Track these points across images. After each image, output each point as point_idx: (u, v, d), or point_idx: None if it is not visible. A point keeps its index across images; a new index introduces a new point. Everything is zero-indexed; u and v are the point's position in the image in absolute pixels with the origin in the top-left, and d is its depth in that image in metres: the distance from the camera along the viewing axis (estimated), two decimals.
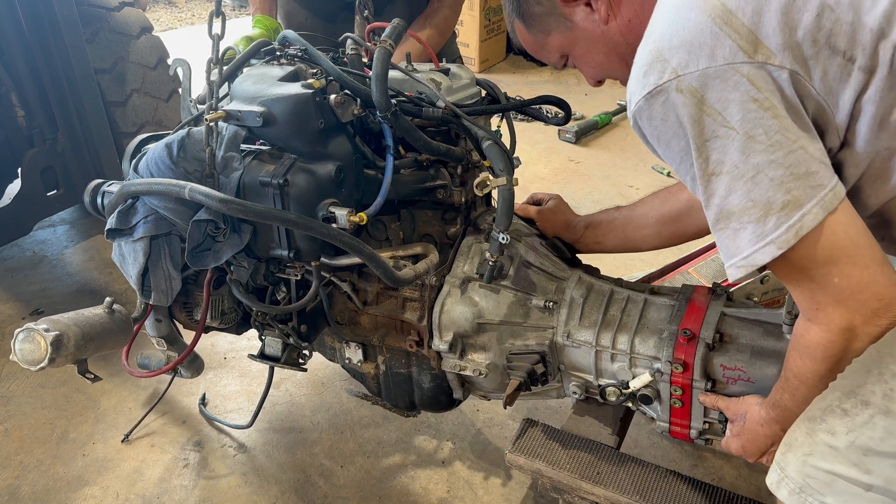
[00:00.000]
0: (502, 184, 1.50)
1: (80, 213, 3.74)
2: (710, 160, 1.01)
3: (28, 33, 2.83)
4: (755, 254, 1.02)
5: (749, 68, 0.97)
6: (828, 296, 1.04)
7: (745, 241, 1.03)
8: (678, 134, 1.03)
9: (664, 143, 1.06)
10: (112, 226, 1.58)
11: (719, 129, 0.99)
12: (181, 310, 1.81)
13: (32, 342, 1.41)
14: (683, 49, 1.00)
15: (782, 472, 1.13)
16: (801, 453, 1.11)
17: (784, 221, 0.99)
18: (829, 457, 1.07)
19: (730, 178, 1.00)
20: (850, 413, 1.06)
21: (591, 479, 1.61)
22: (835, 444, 1.07)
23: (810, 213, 0.98)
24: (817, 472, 1.08)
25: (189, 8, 8.28)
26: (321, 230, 1.41)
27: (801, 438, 1.11)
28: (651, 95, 1.03)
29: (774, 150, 0.97)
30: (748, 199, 1.00)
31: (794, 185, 0.98)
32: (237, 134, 1.51)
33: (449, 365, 1.70)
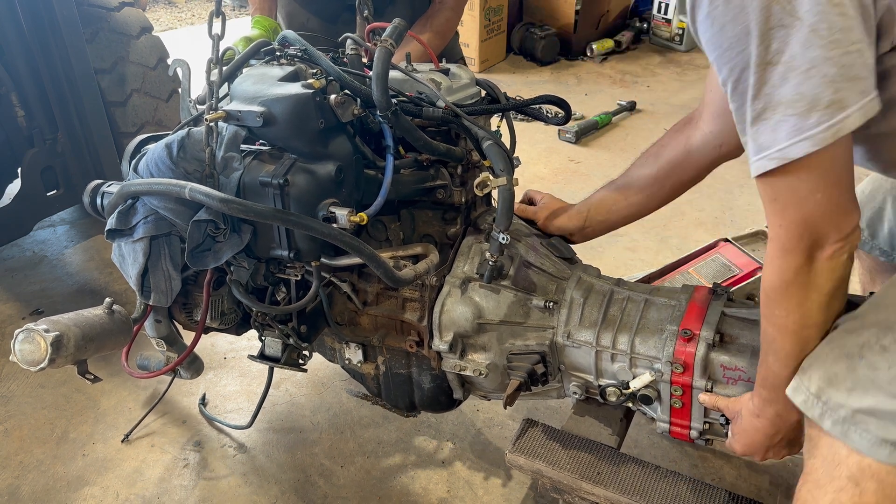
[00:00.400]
0: (502, 184, 1.50)
1: (80, 213, 3.74)
2: (770, 48, 0.99)
3: (28, 33, 2.82)
4: (791, 147, 1.02)
5: None
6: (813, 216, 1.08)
7: (783, 133, 1.02)
8: (737, 18, 1.00)
9: (718, 26, 1.03)
10: (112, 226, 1.58)
11: (786, 18, 0.97)
12: (181, 310, 1.81)
13: (32, 343, 1.40)
14: None
15: (825, 406, 1.16)
16: (844, 388, 1.14)
17: (826, 119, 0.99)
18: (871, 390, 1.12)
19: (785, 68, 0.99)
20: (889, 349, 1.11)
21: (592, 480, 1.61)
22: (877, 378, 1.11)
23: (852, 116, 0.99)
24: (860, 405, 1.12)
25: (189, 8, 8.28)
26: (321, 230, 1.41)
27: (843, 374, 1.15)
28: None
29: (833, 48, 0.96)
30: (797, 92, 0.99)
31: (843, 86, 0.98)
32: (237, 134, 1.51)
33: (449, 365, 1.70)
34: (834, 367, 1.17)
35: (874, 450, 1.12)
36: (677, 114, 4.60)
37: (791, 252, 1.13)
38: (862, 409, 1.13)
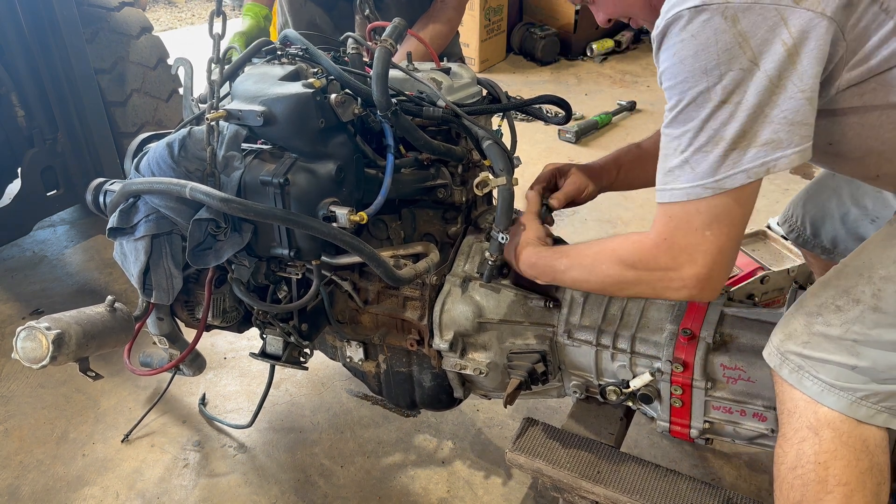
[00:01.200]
0: (502, 184, 1.50)
1: (80, 213, 3.74)
2: (725, 88, 1.05)
3: (28, 33, 2.82)
4: (726, 179, 1.09)
5: (791, 13, 1.01)
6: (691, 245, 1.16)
7: (723, 165, 1.09)
8: (699, 55, 1.06)
9: (679, 58, 1.08)
10: (113, 224, 1.58)
11: (745, 63, 1.03)
12: (183, 308, 1.81)
13: (34, 340, 1.41)
14: None
15: (783, 357, 1.28)
16: (801, 341, 1.26)
17: (762, 155, 1.07)
18: (824, 344, 1.24)
19: (735, 107, 1.05)
20: (843, 309, 1.23)
21: (591, 479, 1.61)
22: (829, 333, 1.23)
23: (787, 157, 1.07)
24: (813, 355, 1.24)
25: (189, 8, 8.28)
26: (322, 229, 1.41)
27: (800, 329, 1.27)
28: (697, 10, 1.05)
29: (781, 94, 1.04)
30: (742, 130, 1.06)
31: (781, 128, 1.05)
32: (238, 133, 1.51)
33: (449, 364, 1.70)
34: (794, 324, 1.28)
35: (824, 395, 1.22)
36: None
37: (649, 259, 1.23)
38: (813, 358, 1.24)
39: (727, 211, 1.12)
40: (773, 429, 1.49)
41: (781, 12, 1.01)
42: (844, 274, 1.26)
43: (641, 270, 1.25)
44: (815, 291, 1.29)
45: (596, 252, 1.35)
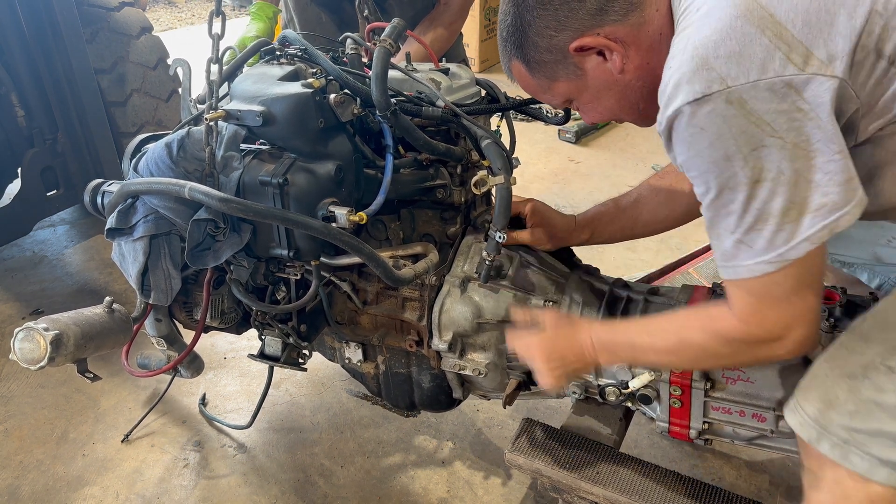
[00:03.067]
0: (500, 182, 1.50)
1: (80, 213, 3.74)
2: (756, 168, 1.02)
3: (28, 33, 2.83)
4: (791, 250, 1.05)
5: (799, 80, 0.99)
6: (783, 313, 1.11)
7: (781, 239, 1.05)
8: (714, 144, 1.04)
9: (695, 151, 1.07)
10: (112, 225, 1.58)
11: (766, 139, 1.01)
12: (181, 309, 1.81)
13: (32, 341, 1.41)
14: (732, 60, 1.00)
15: (823, 430, 1.15)
16: (846, 411, 1.13)
17: (820, 220, 1.03)
18: (876, 413, 1.10)
19: (774, 183, 1.02)
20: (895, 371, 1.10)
21: (591, 479, 1.61)
22: (882, 400, 1.10)
23: (847, 214, 1.03)
24: (865, 427, 1.11)
25: (189, 8, 8.28)
26: (321, 229, 1.41)
27: (844, 396, 1.14)
28: (697, 103, 1.02)
29: (816, 156, 1.00)
30: (789, 202, 1.03)
31: (831, 190, 1.02)
32: (237, 133, 1.51)
33: (448, 364, 1.70)
34: (834, 389, 1.16)
35: (875, 471, 1.11)
36: None
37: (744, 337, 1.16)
38: (864, 431, 1.11)
39: (804, 274, 1.08)
40: (773, 429, 1.49)
41: (788, 82, 0.99)
42: (891, 324, 1.13)
43: (740, 344, 1.18)
44: (852, 347, 1.16)
45: (679, 328, 1.28)
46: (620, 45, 1.18)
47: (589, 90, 1.28)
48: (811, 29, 0.99)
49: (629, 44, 1.18)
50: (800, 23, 0.99)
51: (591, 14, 1.16)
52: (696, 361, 1.31)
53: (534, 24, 1.22)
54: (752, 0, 1.01)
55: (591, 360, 1.41)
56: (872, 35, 0.98)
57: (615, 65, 1.20)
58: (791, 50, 0.99)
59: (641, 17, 1.16)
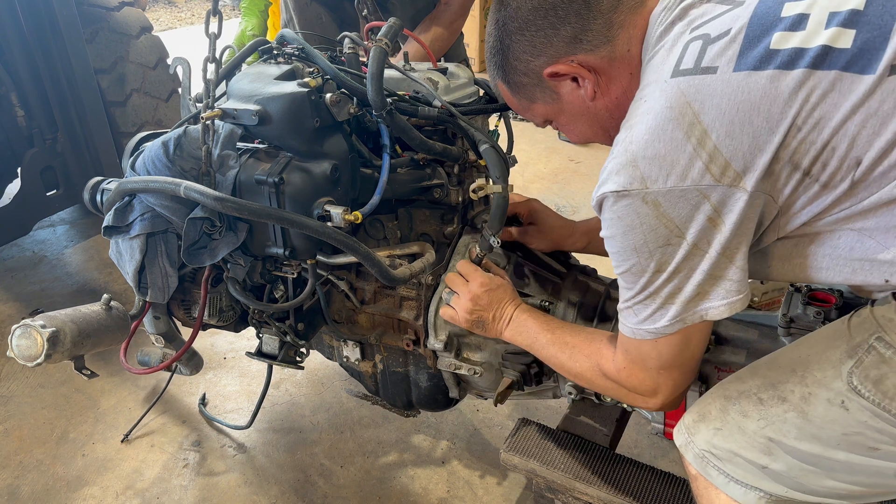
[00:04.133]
0: (498, 191, 1.51)
1: (79, 213, 3.75)
2: (657, 261, 1.12)
3: (28, 33, 2.83)
4: (666, 327, 1.16)
5: (714, 191, 1.05)
6: (649, 380, 1.25)
7: (661, 315, 1.16)
8: (627, 234, 1.13)
9: (611, 233, 1.16)
10: (109, 223, 1.58)
11: (673, 239, 1.10)
12: (179, 307, 1.81)
13: (29, 338, 1.41)
14: (656, 163, 1.07)
15: (690, 437, 1.25)
16: (713, 427, 1.22)
17: (693, 307, 1.14)
18: (736, 436, 1.19)
19: (668, 275, 1.12)
20: (765, 403, 1.17)
21: (586, 480, 1.60)
22: (744, 426, 1.18)
23: (716, 308, 1.13)
24: (723, 445, 1.20)
25: (189, 7, 8.30)
26: (316, 228, 1.41)
27: (714, 413, 1.23)
28: (618, 195, 1.11)
29: (710, 259, 1.09)
30: (676, 288, 1.13)
31: (711, 288, 1.12)
32: (233, 132, 1.51)
33: (444, 364, 1.70)
34: (710, 406, 1.25)
35: (730, 486, 1.20)
36: None
37: (615, 381, 1.30)
38: (722, 448, 1.20)
39: (677, 353, 1.20)
40: None
41: (703, 191, 1.05)
42: (777, 365, 1.20)
43: (612, 383, 1.32)
44: (741, 375, 1.24)
45: (574, 345, 1.40)
46: (593, 73, 1.24)
47: (565, 113, 1.34)
48: (733, 140, 1.03)
49: (601, 73, 1.24)
50: (723, 133, 1.04)
51: (566, 42, 1.22)
52: (573, 378, 1.43)
53: (512, 48, 1.28)
54: (686, 104, 1.06)
55: (500, 328, 1.53)
56: (789, 148, 1.02)
57: (587, 92, 1.26)
58: (711, 160, 1.04)
59: (612, 52, 1.22)
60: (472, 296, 1.54)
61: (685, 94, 1.06)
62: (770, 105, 1.02)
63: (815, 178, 1.04)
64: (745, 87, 1.03)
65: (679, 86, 1.08)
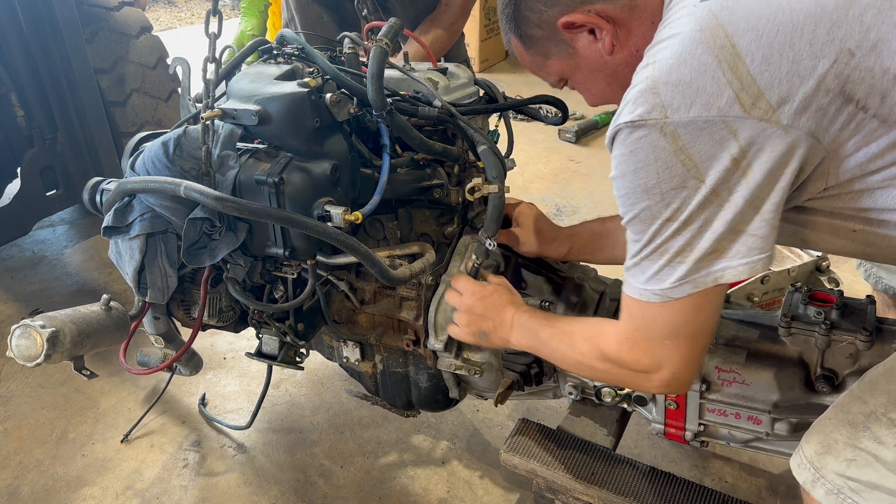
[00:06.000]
0: (493, 191, 1.50)
1: (79, 213, 3.75)
2: (670, 206, 1.01)
3: (28, 33, 2.83)
4: (673, 289, 1.04)
5: (741, 124, 0.94)
6: (653, 351, 1.12)
7: (668, 274, 1.04)
8: (639, 172, 1.01)
9: (621, 171, 1.04)
10: (109, 223, 1.58)
11: (690, 181, 0.98)
12: (179, 307, 1.81)
13: (29, 338, 1.41)
14: (679, 89, 0.96)
15: (818, 473, 1.12)
16: (844, 458, 1.10)
17: (706, 267, 1.01)
18: (874, 465, 1.06)
19: (680, 224, 1.01)
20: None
21: (586, 480, 1.60)
22: (881, 454, 1.06)
23: (733, 269, 1.00)
24: (861, 477, 1.08)
25: (189, 7, 8.30)
26: (316, 228, 1.41)
27: (843, 442, 1.11)
28: (634, 125, 1.00)
29: (730, 209, 0.98)
30: (688, 244, 1.01)
31: (729, 243, 1.00)
32: (233, 132, 1.51)
33: (444, 364, 1.70)
34: (834, 434, 1.13)
35: None
36: None
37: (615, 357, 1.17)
38: (859, 481, 1.08)
39: (685, 322, 1.08)
40: (768, 431, 1.48)
41: (730, 124, 0.94)
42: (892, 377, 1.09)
43: (611, 365, 1.20)
44: (858, 394, 1.12)
45: (574, 332, 1.30)
46: (611, 24, 1.14)
47: (581, 70, 1.25)
48: (769, 66, 0.93)
49: (620, 25, 1.14)
50: (759, 58, 0.93)
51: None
52: (576, 369, 1.32)
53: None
54: (718, 26, 0.96)
55: (505, 335, 1.44)
56: (840, 77, 0.91)
57: (605, 45, 1.17)
58: (742, 89, 0.93)
59: (632, 0, 1.13)
60: (466, 308, 1.50)
61: (717, 15, 0.96)
62: (815, 26, 0.90)
63: (873, 111, 0.92)
64: (786, 6, 0.92)
65: (710, 8, 0.97)
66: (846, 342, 1.40)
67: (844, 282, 2.51)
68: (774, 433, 1.48)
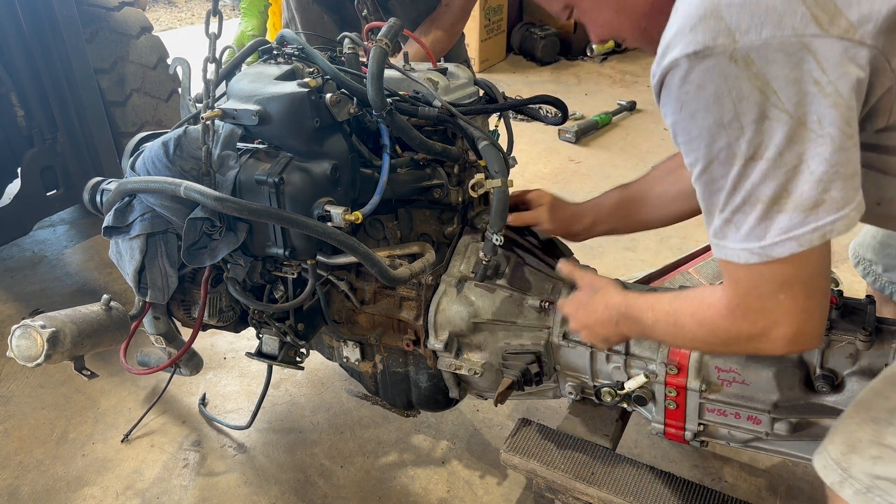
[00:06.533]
0: (497, 186, 1.51)
1: (79, 213, 3.75)
2: (752, 143, 0.89)
3: (28, 33, 2.83)
4: (774, 246, 0.92)
5: (820, 43, 0.84)
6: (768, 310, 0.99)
7: (771, 230, 0.92)
8: (711, 107, 0.89)
9: (687, 113, 0.92)
10: (109, 223, 1.59)
11: (771, 111, 0.87)
12: (180, 307, 1.81)
13: (29, 338, 1.41)
14: (746, 10, 0.85)
15: (845, 473, 1.08)
16: (869, 456, 1.06)
17: (812, 221, 0.89)
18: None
19: (769, 164, 0.89)
20: None
21: (586, 480, 1.60)
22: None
23: (844, 218, 0.89)
24: (889, 475, 1.04)
25: (189, 7, 8.30)
26: (316, 228, 1.41)
27: (867, 440, 1.07)
28: (697, 56, 0.88)
29: (824, 143, 0.86)
30: (783, 189, 0.89)
31: (834, 185, 0.88)
32: (233, 132, 1.51)
33: (444, 364, 1.70)
34: (858, 433, 1.09)
35: None
36: None
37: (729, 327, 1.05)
38: (888, 479, 1.04)
39: (794, 275, 0.94)
40: (768, 431, 1.48)
41: (807, 44, 0.84)
42: None
43: (724, 337, 1.07)
44: (880, 391, 1.08)
45: (676, 311, 1.17)
46: None
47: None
48: None
49: None
50: None
51: None
52: (691, 346, 1.25)
53: None
54: None
55: (621, 332, 1.34)
56: None
57: None
58: (817, 4, 0.83)
59: None
60: (580, 326, 1.42)
61: None
62: None
63: None
64: None
65: None
66: (846, 342, 1.40)
67: (844, 282, 2.51)
68: (774, 433, 1.48)
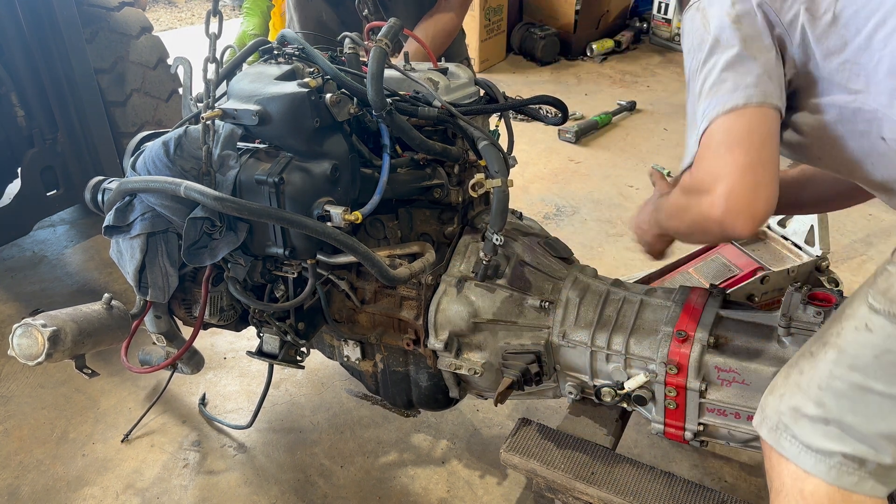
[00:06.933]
0: (497, 185, 1.51)
1: (80, 213, 3.75)
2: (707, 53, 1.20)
3: (28, 33, 2.83)
4: (729, 100, 1.16)
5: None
6: (715, 166, 1.17)
7: (724, 97, 1.17)
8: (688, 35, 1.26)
9: (685, 30, 1.27)
10: (110, 223, 1.59)
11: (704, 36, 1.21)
12: (180, 306, 1.81)
13: (30, 337, 1.41)
14: None
15: (762, 413, 1.24)
16: (777, 394, 1.22)
17: (753, 84, 1.16)
18: (796, 394, 1.19)
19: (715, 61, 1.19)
20: (814, 354, 1.18)
21: (586, 480, 1.60)
22: (800, 382, 1.19)
23: (754, 87, 1.16)
24: (786, 408, 1.19)
25: (189, 8, 8.30)
26: (316, 228, 1.41)
27: (779, 381, 1.23)
28: (689, 7, 1.26)
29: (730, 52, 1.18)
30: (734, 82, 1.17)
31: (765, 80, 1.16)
32: (233, 132, 1.52)
33: (444, 364, 1.70)
34: (777, 379, 1.25)
35: (801, 457, 1.17)
36: (677, 113, 4.60)
37: (689, 184, 1.24)
38: (785, 412, 1.18)
39: (741, 132, 1.15)
40: None
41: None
42: (828, 323, 1.22)
43: (689, 194, 1.24)
44: (804, 346, 1.25)
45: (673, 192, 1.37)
46: None
47: None
48: None
49: None
50: None
51: None
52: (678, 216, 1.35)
53: None
54: None
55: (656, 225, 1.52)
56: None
57: None
58: None
59: None
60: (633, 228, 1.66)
61: None
62: None
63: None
64: None
65: None
66: None
67: (844, 282, 2.52)
68: None
